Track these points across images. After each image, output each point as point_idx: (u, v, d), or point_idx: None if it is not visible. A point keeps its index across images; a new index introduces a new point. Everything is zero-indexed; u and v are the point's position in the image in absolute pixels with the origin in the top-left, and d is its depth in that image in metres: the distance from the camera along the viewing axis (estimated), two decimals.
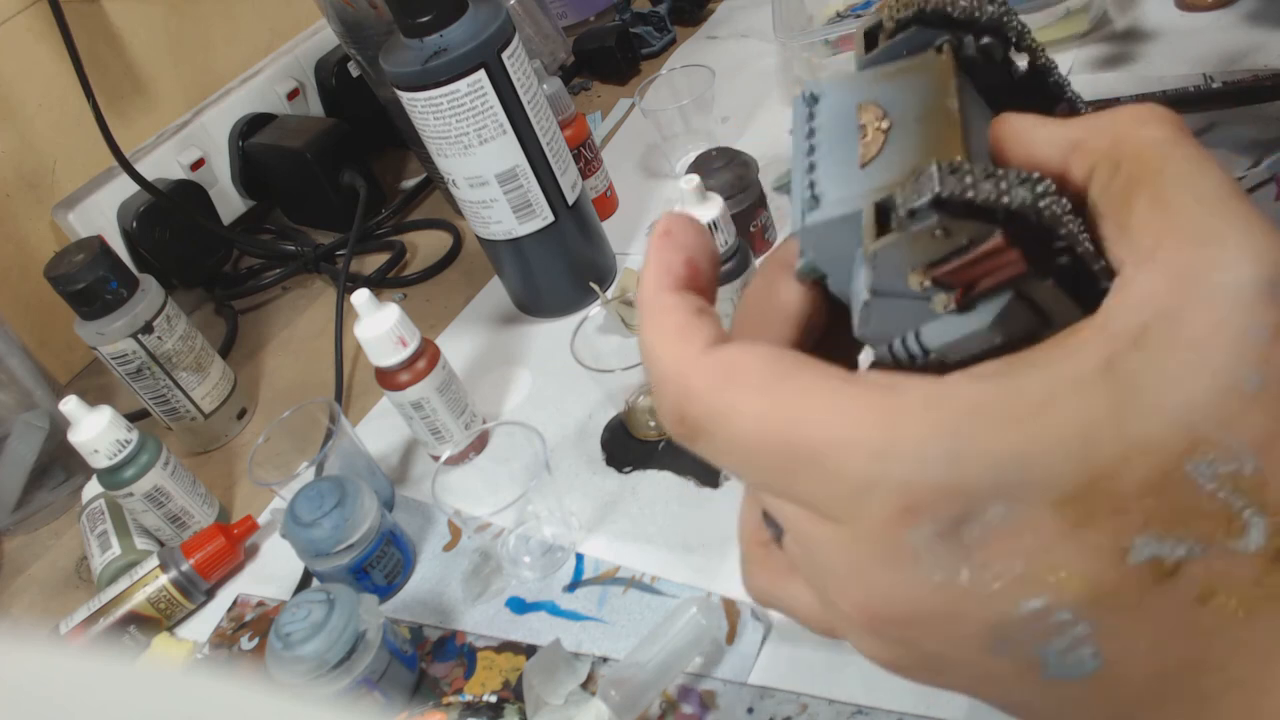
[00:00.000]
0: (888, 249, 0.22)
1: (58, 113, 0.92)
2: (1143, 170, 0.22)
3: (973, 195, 0.20)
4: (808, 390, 0.21)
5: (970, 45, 0.25)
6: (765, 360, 0.22)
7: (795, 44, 0.85)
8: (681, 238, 0.25)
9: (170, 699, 0.15)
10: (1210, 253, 0.20)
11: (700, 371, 0.22)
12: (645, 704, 0.47)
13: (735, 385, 0.22)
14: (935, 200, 0.21)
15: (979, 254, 0.21)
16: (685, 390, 0.22)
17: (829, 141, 0.25)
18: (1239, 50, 0.74)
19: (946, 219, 0.21)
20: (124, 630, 0.62)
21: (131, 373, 0.74)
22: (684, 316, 0.23)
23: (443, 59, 0.63)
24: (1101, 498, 0.20)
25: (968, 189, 0.20)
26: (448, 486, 0.58)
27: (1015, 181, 0.21)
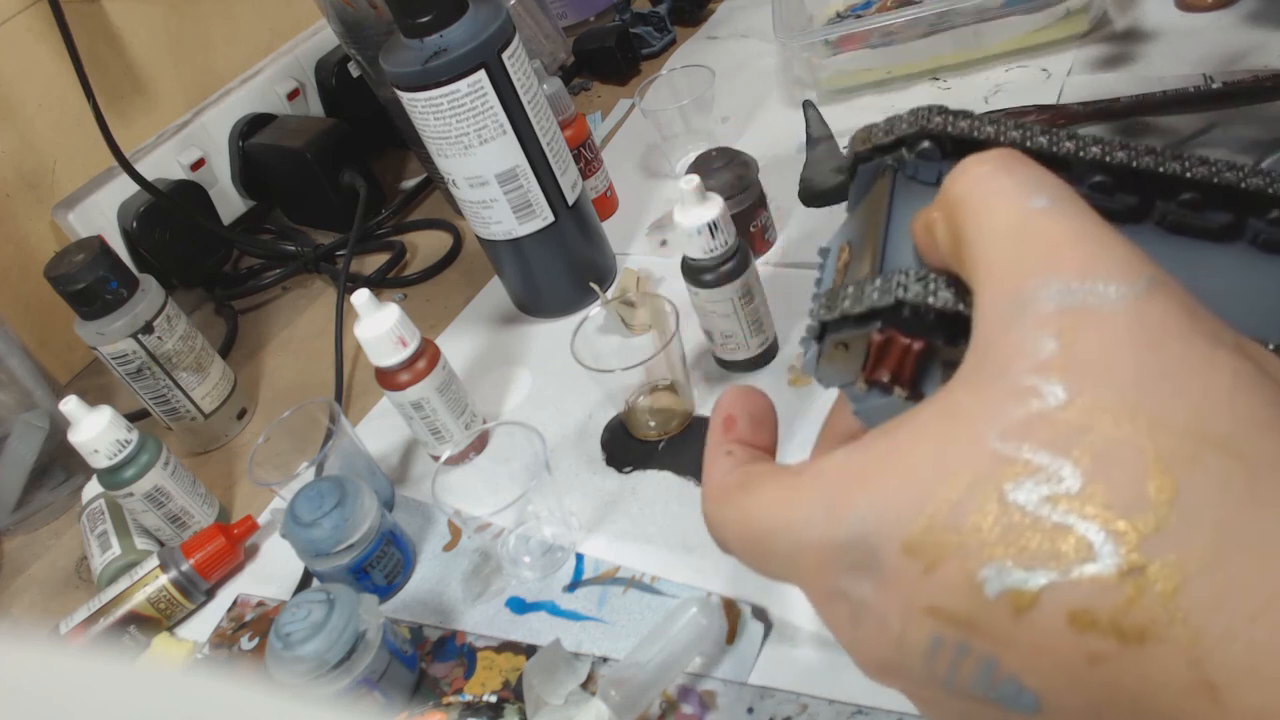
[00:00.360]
0: (823, 370, 0.27)
1: (58, 113, 0.92)
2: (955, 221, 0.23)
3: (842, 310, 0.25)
4: (753, 494, 0.26)
5: (905, 158, 0.27)
6: (738, 478, 0.27)
7: (795, 44, 0.85)
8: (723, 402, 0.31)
9: (170, 699, 0.15)
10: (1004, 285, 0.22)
11: (709, 498, 0.28)
12: (645, 704, 0.47)
13: (721, 504, 0.27)
14: (820, 325, 0.26)
15: (876, 354, 0.24)
16: (704, 515, 0.28)
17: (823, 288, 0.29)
18: (1239, 50, 0.74)
19: (836, 335, 0.25)
20: (124, 630, 0.62)
21: (131, 373, 0.74)
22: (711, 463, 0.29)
23: (443, 59, 0.63)
24: (941, 537, 0.20)
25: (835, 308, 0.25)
26: (448, 486, 0.58)
27: (881, 284, 0.24)
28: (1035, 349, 0.20)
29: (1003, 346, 0.21)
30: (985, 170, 0.23)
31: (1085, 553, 0.19)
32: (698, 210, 0.58)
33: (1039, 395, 0.20)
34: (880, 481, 0.22)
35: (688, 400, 0.64)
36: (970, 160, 0.23)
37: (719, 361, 0.66)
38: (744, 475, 0.27)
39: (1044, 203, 0.22)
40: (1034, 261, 0.21)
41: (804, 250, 0.74)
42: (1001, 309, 0.21)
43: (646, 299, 0.65)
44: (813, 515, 0.23)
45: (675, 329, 0.60)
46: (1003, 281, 0.22)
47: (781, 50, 0.95)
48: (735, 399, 0.31)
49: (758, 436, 0.30)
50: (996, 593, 0.20)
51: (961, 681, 0.21)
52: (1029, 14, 0.81)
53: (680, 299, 0.63)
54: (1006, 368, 0.21)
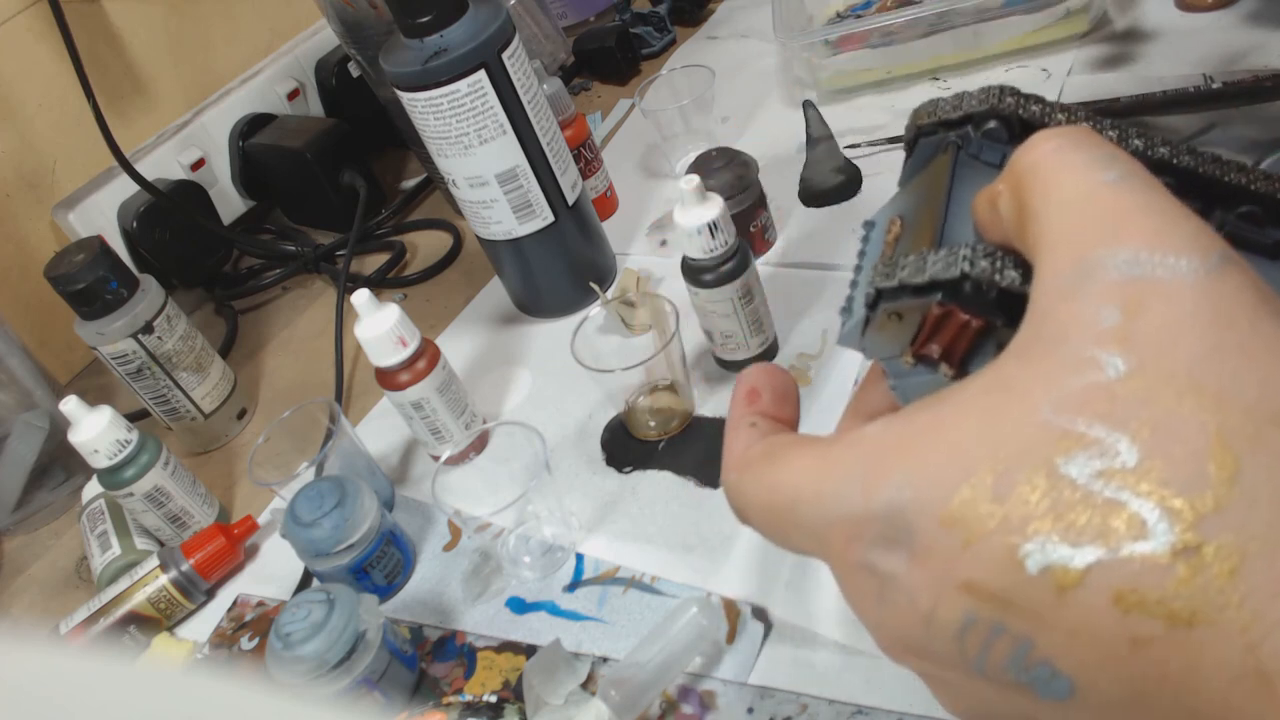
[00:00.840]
0: (869, 341, 0.26)
1: (58, 113, 0.92)
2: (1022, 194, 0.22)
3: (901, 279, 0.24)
4: (779, 464, 0.25)
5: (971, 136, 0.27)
6: (764, 448, 0.26)
7: (795, 44, 0.85)
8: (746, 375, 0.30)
9: (170, 699, 0.15)
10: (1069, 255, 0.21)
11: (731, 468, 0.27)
12: (645, 704, 0.47)
13: (743, 474, 0.26)
14: (876, 293, 0.25)
15: (930, 328, 0.23)
16: (724, 485, 0.28)
17: (868, 259, 0.28)
18: (1239, 50, 0.74)
19: (891, 305, 0.24)
20: (124, 630, 0.62)
21: (131, 373, 0.74)
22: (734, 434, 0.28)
23: (443, 59, 0.63)
24: (983, 509, 0.20)
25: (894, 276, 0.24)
26: (448, 486, 0.58)
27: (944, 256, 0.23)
28: (1097, 319, 0.20)
29: (1062, 317, 0.20)
30: (1056, 144, 0.22)
31: (1138, 530, 0.18)
32: (698, 210, 0.58)
33: (1098, 366, 0.19)
34: (921, 452, 0.21)
35: (688, 400, 0.64)
36: (1041, 134, 0.23)
37: (719, 361, 0.66)
38: (770, 445, 0.26)
39: (1114, 176, 0.21)
40: (1101, 231, 0.20)
41: (804, 250, 0.74)
42: (1063, 279, 0.20)
43: (646, 299, 0.65)
44: (845, 486, 0.22)
45: (675, 329, 0.60)
46: (1067, 251, 0.21)
47: (781, 50, 0.95)
48: (759, 374, 0.30)
49: (781, 411, 0.29)
50: (1038, 569, 0.19)
51: (993, 664, 0.20)
52: (1029, 14, 0.81)
53: (680, 299, 0.63)
54: (1065, 338, 0.20)
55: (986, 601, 0.20)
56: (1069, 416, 0.19)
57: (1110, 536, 0.18)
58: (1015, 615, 0.19)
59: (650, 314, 0.65)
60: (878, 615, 0.22)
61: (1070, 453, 0.19)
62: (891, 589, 0.22)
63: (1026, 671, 0.20)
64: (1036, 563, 0.19)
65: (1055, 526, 0.19)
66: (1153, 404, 0.19)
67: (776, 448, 0.26)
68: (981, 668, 0.20)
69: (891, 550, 0.21)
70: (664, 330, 0.62)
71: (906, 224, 0.27)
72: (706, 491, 0.59)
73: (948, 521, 0.20)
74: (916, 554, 0.21)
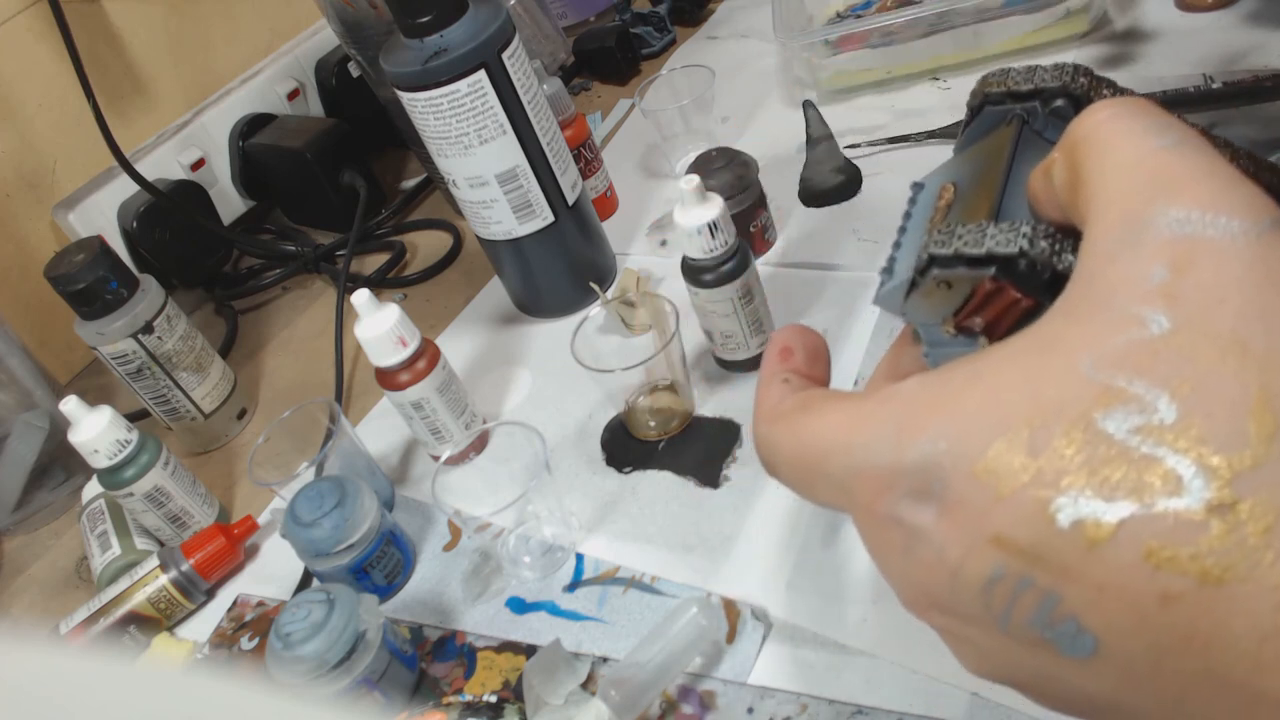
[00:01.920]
0: (911, 305, 0.25)
1: (58, 113, 0.92)
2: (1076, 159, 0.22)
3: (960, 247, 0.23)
4: (813, 415, 0.25)
5: (1039, 112, 0.26)
6: (799, 400, 0.26)
7: (795, 44, 0.85)
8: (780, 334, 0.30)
9: (170, 699, 0.15)
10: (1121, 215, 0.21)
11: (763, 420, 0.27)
12: (645, 704, 0.47)
13: (776, 425, 0.26)
14: (929, 259, 0.24)
15: (979, 300, 0.23)
16: (756, 437, 0.27)
17: (917, 220, 0.28)
18: (1239, 50, 0.74)
19: (943, 273, 0.24)
20: (124, 630, 0.62)
21: (131, 373, 0.74)
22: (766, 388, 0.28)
23: (443, 59, 0.63)
24: (1019, 459, 0.19)
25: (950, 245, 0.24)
26: (448, 486, 0.58)
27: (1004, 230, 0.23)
28: (1145, 276, 0.19)
29: (1110, 276, 0.20)
30: (1112, 111, 0.22)
31: (1173, 486, 0.18)
32: (698, 210, 0.58)
33: (1142, 323, 0.19)
34: (957, 406, 0.21)
35: (688, 400, 0.64)
36: (1097, 104, 0.23)
37: (719, 361, 0.66)
38: (804, 398, 0.26)
39: (1170, 141, 0.21)
40: (1154, 192, 0.20)
41: (804, 250, 0.74)
42: (1113, 239, 0.20)
43: (646, 299, 0.65)
44: (878, 438, 0.22)
45: (675, 329, 0.60)
46: (1118, 212, 0.21)
47: (781, 50, 0.95)
48: (792, 333, 0.30)
49: (813, 370, 0.29)
50: (1070, 523, 0.19)
51: (1017, 619, 0.20)
52: (1029, 14, 0.81)
53: (680, 299, 0.63)
54: (1112, 297, 0.20)
55: (1016, 555, 0.20)
56: (1110, 372, 0.19)
57: (1144, 492, 0.18)
58: (1044, 569, 0.19)
59: (650, 314, 0.65)
60: (903, 568, 0.22)
61: (1109, 408, 0.19)
62: (919, 542, 0.22)
63: (1051, 628, 0.20)
64: (1068, 516, 0.19)
65: (1089, 481, 0.19)
66: (1195, 361, 0.18)
67: (811, 400, 0.26)
68: (1006, 623, 0.20)
69: (922, 503, 0.21)
70: (664, 330, 0.62)
71: (960, 192, 0.27)
72: (706, 491, 0.59)
73: (981, 474, 0.20)
74: (948, 506, 0.21)
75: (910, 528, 0.22)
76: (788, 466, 0.26)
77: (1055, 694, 0.21)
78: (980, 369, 0.21)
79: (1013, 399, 0.20)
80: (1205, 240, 0.19)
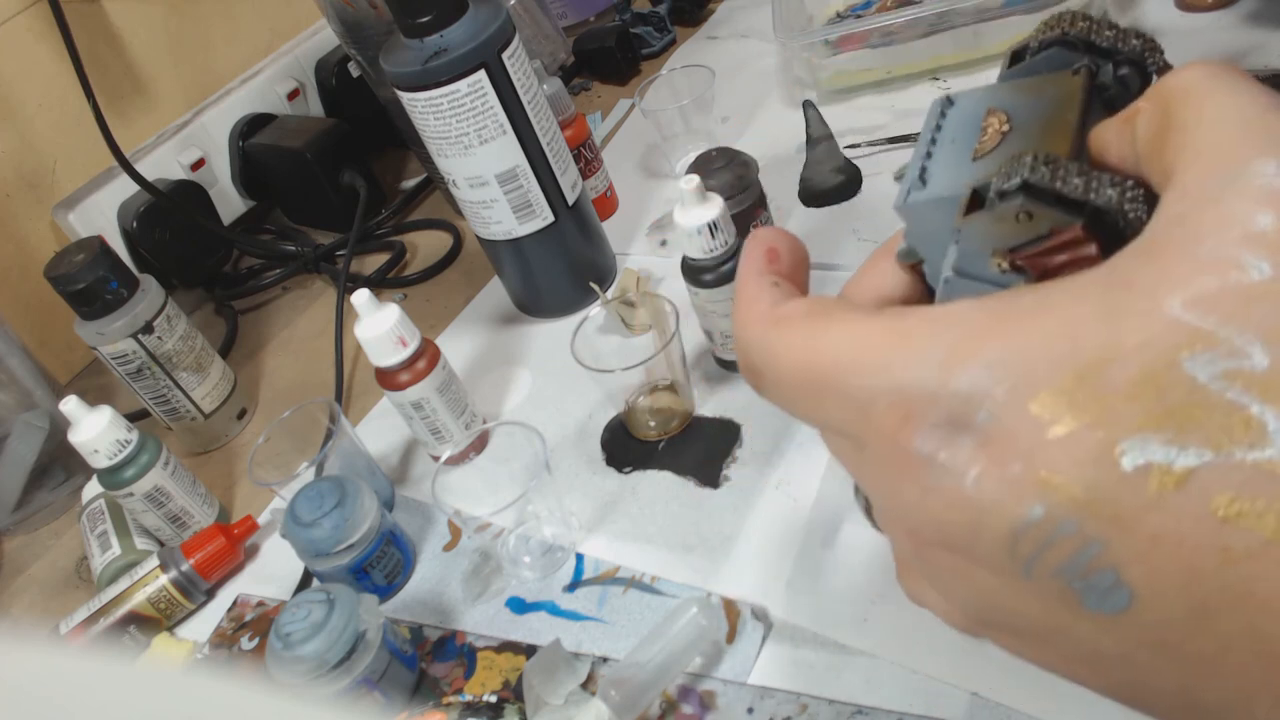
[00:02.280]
0: (973, 225, 0.23)
1: (58, 113, 0.92)
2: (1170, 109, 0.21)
3: (1060, 186, 0.22)
4: (833, 325, 0.23)
5: (1108, 73, 0.25)
6: (805, 306, 0.24)
7: (795, 44, 0.85)
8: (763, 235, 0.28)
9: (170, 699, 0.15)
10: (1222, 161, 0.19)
11: (757, 323, 0.25)
12: (645, 704, 0.47)
13: (778, 329, 0.24)
14: (1024, 184, 0.22)
15: (1058, 243, 0.22)
16: (746, 341, 0.25)
17: (951, 137, 0.26)
18: (1239, 50, 0.74)
19: (1032, 204, 0.22)
20: (124, 630, 0.62)
21: (131, 373, 0.74)
22: (756, 289, 0.26)
23: (443, 59, 0.63)
24: (1087, 396, 0.18)
25: (1056, 179, 0.22)
26: (448, 486, 0.58)
27: (1106, 183, 0.21)
28: (1246, 220, 0.18)
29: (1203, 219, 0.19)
30: (1211, 69, 0.21)
31: (1256, 436, 0.17)
32: (698, 210, 0.58)
33: (1240, 267, 0.18)
34: (1022, 333, 0.19)
35: (688, 400, 0.64)
36: (1193, 62, 0.21)
37: (719, 361, 0.66)
38: (817, 304, 0.24)
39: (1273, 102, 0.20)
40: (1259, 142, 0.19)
41: None
42: (1208, 184, 0.19)
43: (646, 299, 0.65)
44: (922, 359, 0.20)
45: (675, 329, 0.60)
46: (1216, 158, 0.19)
47: (781, 50, 0.95)
48: (776, 234, 0.27)
49: (797, 278, 0.27)
50: (1134, 467, 0.18)
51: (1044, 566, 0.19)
52: (1029, 14, 0.81)
53: (680, 299, 0.63)
54: (1204, 239, 0.18)
55: (1064, 497, 0.18)
56: (1200, 313, 0.18)
57: (1224, 439, 0.17)
58: (1093, 515, 0.18)
59: (650, 314, 0.65)
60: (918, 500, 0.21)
61: (1196, 350, 0.18)
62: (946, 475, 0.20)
63: (1083, 578, 0.18)
64: (1133, 460, 0.18)
65: (1164, 423, 0.17)
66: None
67: (829, 308, 0.23)
68: (1029, 569, 0.19)
69: (960, 434, 0.20)
70: (664, 330, 0.62)
71: (1019, 125, 0.25)
72: (706, 491, 0.59)
73: (1040, 407, 0.19)
74: (992, 439, 0.19)
75: (935, 461, 0.20)
76: (789, 378, 0.23)
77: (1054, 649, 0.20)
78: (1050, 299, 0.20)
79: (1089, 330, 0.19)
80: None
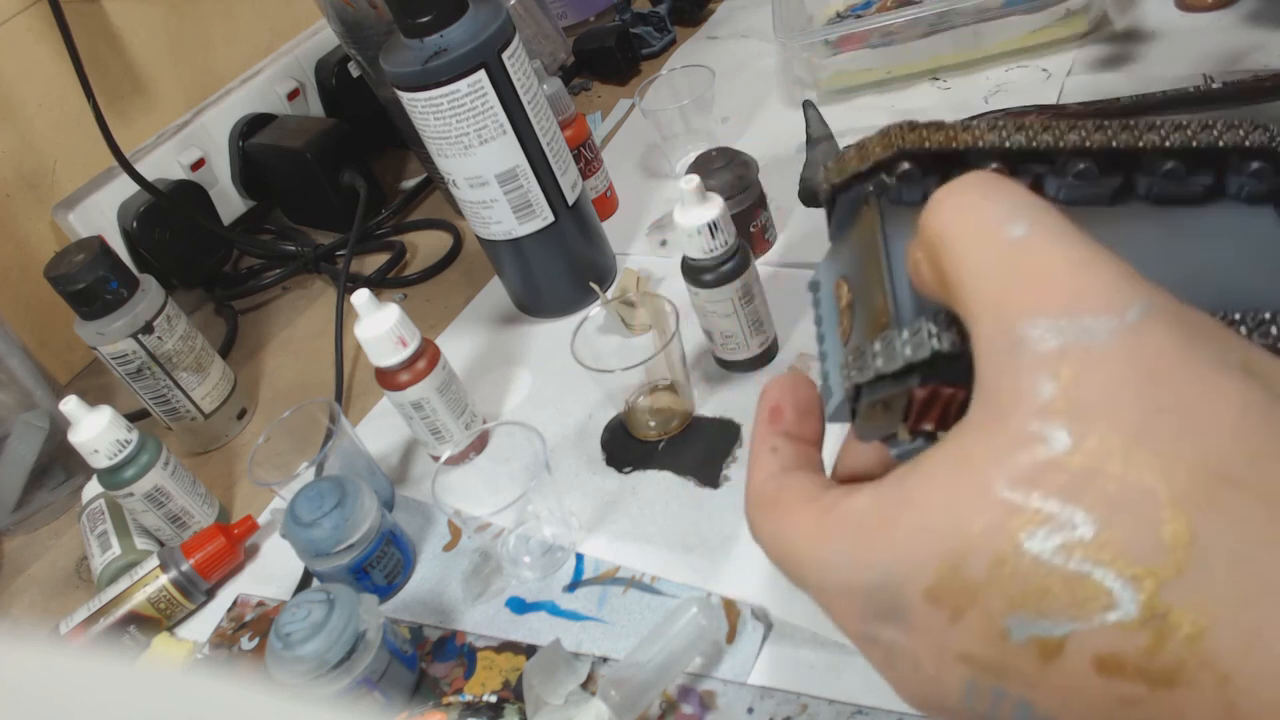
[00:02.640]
0: (862, 428, 0.26)
1: (58, 113, 0.92)
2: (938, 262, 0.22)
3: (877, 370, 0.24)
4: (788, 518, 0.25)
5: (890, 182, 0.26)
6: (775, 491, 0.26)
7: (795, 44, 0.85)
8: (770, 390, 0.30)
9: (170, 699, 0.15)
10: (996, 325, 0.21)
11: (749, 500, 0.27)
12: (645, 704, 0.47)
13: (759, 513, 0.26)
14: (855, 391, 0.25)
15: (919, 405, 0.24)
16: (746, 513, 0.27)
17: (829, 321, 0.28)
18: (1239, 50, 0.74)
19: (872, 397, 0.24)
20: (124, 630, 0.62)
21: (131, 373, 0.74)
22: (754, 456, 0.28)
23: (443, 59, 0.63)
24: (960, 586, 0.20)
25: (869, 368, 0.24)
26: (448, 486, 0.58)
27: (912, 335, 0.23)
28: (1035, 392, 0.20)
29: (1003, 390, 0.21)
30: (957, 201, 0.22)
31: (1105, 600, 0.19)
32: (698, 210, 0.58)
33: (1044, 441, 0.19)
34: (898, 530, 0.22)
35: (688, 400, 0.64)
36: (941, 193, 0.23)
37: (719, 361, 0.66)
38: (779, 488, 0.26)
39: (1023, 230, 0.21)
40: (1020, 299, 0.21)
41: (804, 250, 0.74)
42: (996, 350, 0.21)
43: (646, 299, 0.65)
44: (837, 559, 0.23)
45: (675, 329, 0.60)
46: (993, 321, 0.21)
47: (781, 50, 0.95)
48: (783, 388, 0.29)
49: (804, 428, 0.29)
50: (1022, 640, 0.20)
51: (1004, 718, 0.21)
52: (1029, 14, 0.81)
53: (680, 299, 0.63)
54: (1010, 412, 0.20)
55: (983, 670, 0.20)
56: (1023, 493, 0.19)
57: (1081, 607, 0.19)
58: (1011, 681, 0.20)
59: (650, 314, 0.65)
60: (892, 677, 0.23)
61: (1030, 529, 0.19)
62: (896, 656, 0.22)
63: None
64: (1020, 635, 0.20)
65: (1029, 602, 0.19)
66: (1102, 475, 0.19)
67: (785, 495, 0.26)
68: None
69: (888, 623, 0.22)
70: (664, 330, 0.62)
71: (854, 287, 0.27)
72: (706, 491, 0.59)
73: (931, 599, 0.21)
74: (912, 627, 0.21)
75: (885, 644, 0.23)
76: (773, 561, 0.26)
77: None
78: (909, 487, 0.22)
79: (943, 522, 0.21)
80: (1080, 348, 0.20)
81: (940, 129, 0.25)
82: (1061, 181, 0.25)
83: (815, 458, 0.28)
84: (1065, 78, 0.79)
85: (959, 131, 0.25)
